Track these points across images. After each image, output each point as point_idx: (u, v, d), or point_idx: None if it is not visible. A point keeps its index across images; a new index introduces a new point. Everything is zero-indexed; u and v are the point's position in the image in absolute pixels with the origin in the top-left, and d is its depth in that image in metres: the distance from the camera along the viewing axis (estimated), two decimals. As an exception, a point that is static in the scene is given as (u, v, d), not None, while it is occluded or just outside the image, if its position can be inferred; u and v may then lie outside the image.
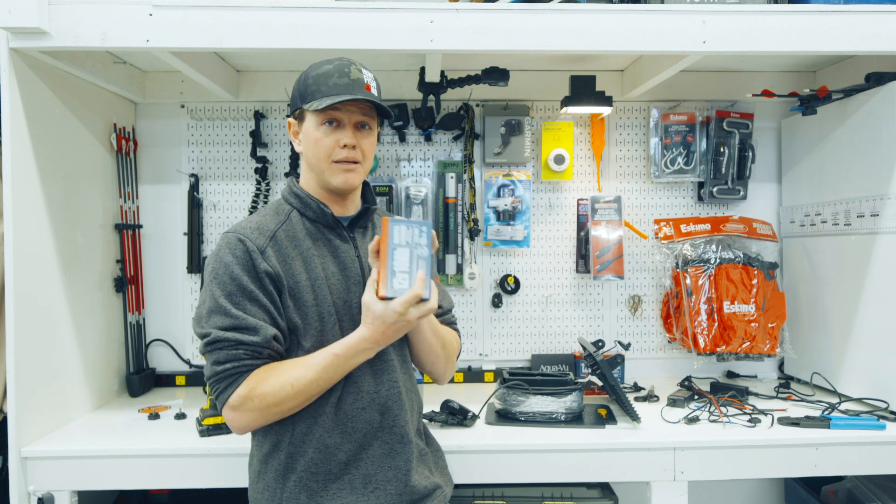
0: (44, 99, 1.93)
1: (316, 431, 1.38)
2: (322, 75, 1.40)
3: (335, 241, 1.46)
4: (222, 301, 1.33)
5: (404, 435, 1.44)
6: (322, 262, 1.42)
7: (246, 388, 1.31)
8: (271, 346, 1.34)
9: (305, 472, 1.38)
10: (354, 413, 1.40)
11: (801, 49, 1.87)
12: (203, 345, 1.34)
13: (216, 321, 1.33)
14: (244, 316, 1.32)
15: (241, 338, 1.31)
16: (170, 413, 2.12)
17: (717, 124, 2.55)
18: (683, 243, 2.48)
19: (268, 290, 1.35)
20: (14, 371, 1.75)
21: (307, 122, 1.43)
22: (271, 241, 1.38)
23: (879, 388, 2.09)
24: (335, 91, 1.38)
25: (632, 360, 2.61)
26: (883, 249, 2.06)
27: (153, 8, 1.74)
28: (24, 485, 1.76)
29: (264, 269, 1.35)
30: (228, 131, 2.56)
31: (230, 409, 1.34)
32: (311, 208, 1.45)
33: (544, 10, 1.82)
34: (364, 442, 1.41)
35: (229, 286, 1.33)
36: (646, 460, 1.84)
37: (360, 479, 1.40)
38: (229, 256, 1.35)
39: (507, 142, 2.53)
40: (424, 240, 1.36)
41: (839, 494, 2.29)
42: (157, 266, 2.54)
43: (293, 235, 1.42)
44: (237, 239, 1.36)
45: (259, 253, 1.35)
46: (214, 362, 1.33)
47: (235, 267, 1.34)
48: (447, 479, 1.61)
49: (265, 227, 1.40)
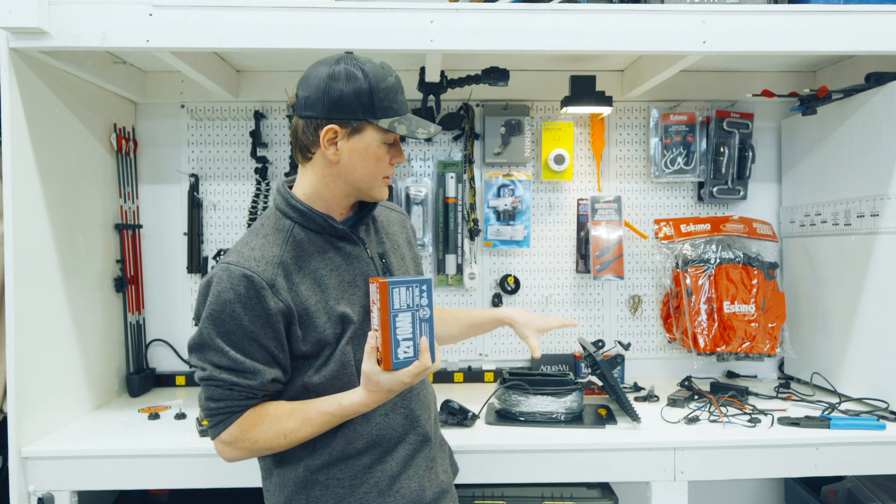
0: (44, 99, 1.93)
1: (338, 444, 1.35)
2: (391, 90, 1.32)
3: (346, 247, 1.39)
4: (218, 341, 1.26)
5: (425, 434, 1.44)
6: (335, 275, 1.36)
7: (238, 430, 1.29)
8: (267, 389, 1.30)
9: (330, 480, 1.36)
10: (378, 420, 1.38)
11: (801, 49, 1.87)
12: (198, 378, 1.30)
13: (212, 358, 1.28)
14: (242, 359, 1.26)
15: (236, 380, 1.27)
16: (170, 413, 2.12)
17: (717, 124, 2.55)
18: (683, 243, 2.48)
19: (275, 329, 1.28)
20: (14, 371, 1.75)
21: (368, 136, 1.31)
22: (279, 268, 1.29)
23: (879, 388, 2.09)
24: (404, 110, 1.34)
25: (632, 360, 2.61)
26: (883, 249, 2.06)
27: (153, 8, 1.74)
28: (24, 485, 1.76)
29: (276, 308, 1.26)
30: (228, 131, 2.56)
31: (221, 444, 1.32)
32: (315, 223, 1.36)
33: (544, 10, 1.82)
34: (389, 446, 1.39)
35: (228, 325, 1.26)
36: (646, 460, 1.84)
37: (386, 481, 1.38)
38: (230, 293, 1.25)
39: (507, 142, 2.53)
40: (425, 300, 1.28)
41: (839, 494, 2.29)
42: (157, 266, 2.54)
43: (300, 255, 1.33)
44: (241, 275, 1.26)
45: (269, 288, 1.26)
46: (208, 398, 1.30)
47: (237, 306, 1.25)
48: (454, 468, 1.64)
49: (269, 253, 1.30)
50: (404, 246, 1.54)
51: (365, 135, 1.31)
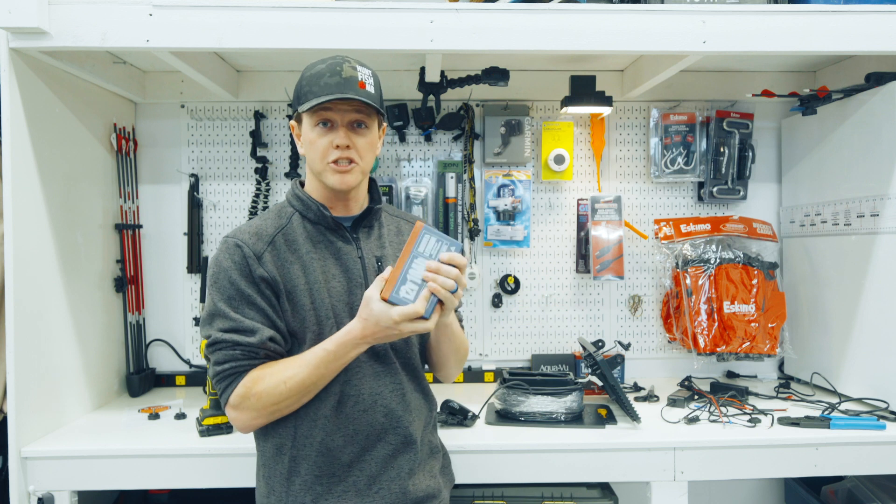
0: (44, 99, 1.93)
1: (318, 435, 1.39)
2: (315, 75, 1.39)
3: (337, 242, 1.45)
4: (221, 305, 1.37)
5: (409, 436, 1.43)
6: (322, 266, 1.42)
7: (243, 388, 1.34)
8: (267, 347, 1.36)
9: (309, 476, 1.39)
10: (356, 416, 1.40)
11: (801, 49, 1.87)
12: (206, 347, 1.39)
13: (217, 324, 1.37)
14: (241, 319, 1.36)
15: (237, 339, 1.35)
16: (170, 413, 2.12)
17: (717, 124, 2.55)
18: (683, 243, 2.48)
19: (265, 294, 1.38)
20: (14, 371, 1.75)
21: (304, 124, 1.43)
22: (269, 246, 1.40)
23: (879, 388, 2.09)
24: (326, 91, 1.36)
25: (632, 360, 2.61)
26: (883, 249, 2.06)
27: (153, 8, 1.74)
28: (24, 485, 1.76)
29: (260, 274, 1.37)
30: (228, 131, 2.56)
31: (231, 409, 1.37)
32: (311, 210, 1.45)
33: (544, 10, 1.82)
34: (367, 444, 1.41)
35: (228, 290, 1.37)
36: (646, 460, 1.84)
37: (365, 481, 1.40)
38: (228, 261, 1.38)
39: (507, 142, 2.53)
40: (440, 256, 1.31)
41: (839, 494, 2.29)
42: (157, 266, 2.54)
43: (292, 239, 1.43)
44: (235, 244, 1.39)
45: (256, 259, 1.38)
46: (215, 363, 1.37)
47: (233, 272, 1.37)
48: (449, 478, 1.61)
49: (264, 231, 1.42)
50: None
51: (303, 123, 1.44)
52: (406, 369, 1.48)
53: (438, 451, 1.58)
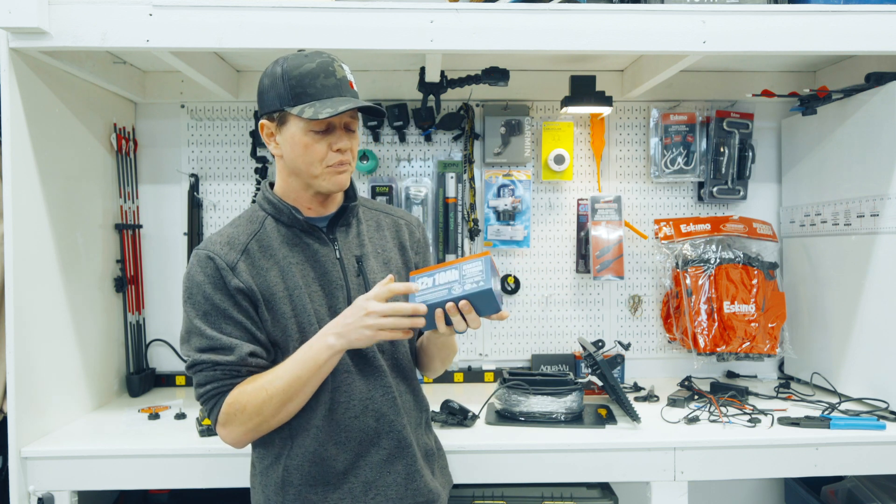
0: (44, 99, 1.93)
1: (310, 444, 1.37)
2: (306, 75, 1.32)
3: (314, 245, 1.40)
4: (197, 322, 1.32)
5: (403, 439, 1.42)
6: (301, 270, 1.38)
7: (227, 406, 1.31)
8: (248, 363, 1.33)
9: (303, 485, 1.37)
10: (347, 422, 1.38)
11: (801, 49, 1.87)
12: (187, 368, 1.35)
13: (195, 342, 1.33)
14: (218, 336, 1.31)
15: (216, 359, 1.31)
16: (170, 413, 2.12)
17: (717, 124, 2.55)
18: (683, 243, 2.48)
19: (242, 307, 1.33)
20: (14, 371, 1.75)
21: (291, 125, 1.34)
22: (243, 254, 1.35)
23: (879, 388, 2.09)
24: (325, 94, 1.32)
25: (632, 360, 2.61)
26: (883, 249, 2.06)
27: (153, 8, 1.74)
28: (24, 485, 1.76)
29: (235, 285, 1.32)
30: (228, 131, 2.56)
31: (221, 427, 1.34)
32: (284, 214, 1.40)
33: (544, 10, 1.82)
34: (361, 450, 1.39)
35: (203, 306, 1.32)
36: (646, 460, 1.84)
37: (361, 487, 1.38)
38: (200, 275, 1.33)
39: (507, 142, 2.53)
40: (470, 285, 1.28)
41: (839, 494, 2.29)
42: (157, 266, 2.54)
43: (267, 245, 1.38)
44: (206, 256, 1.34)
45: (230, 269, 1.33)
46: (197, 384, 1.34)
47: (207, 286, 1.32)
48: (447, 479, 1.60)
49: (236, 239, 1.37)
50: (393, 251, 1.51)
51: (290, 125, 1.35)
52: (395, 370, 1.46)
53: (434, 451, 1.55)
